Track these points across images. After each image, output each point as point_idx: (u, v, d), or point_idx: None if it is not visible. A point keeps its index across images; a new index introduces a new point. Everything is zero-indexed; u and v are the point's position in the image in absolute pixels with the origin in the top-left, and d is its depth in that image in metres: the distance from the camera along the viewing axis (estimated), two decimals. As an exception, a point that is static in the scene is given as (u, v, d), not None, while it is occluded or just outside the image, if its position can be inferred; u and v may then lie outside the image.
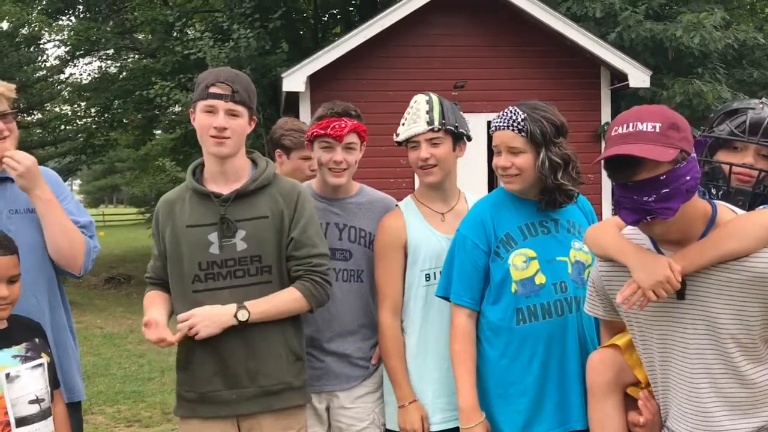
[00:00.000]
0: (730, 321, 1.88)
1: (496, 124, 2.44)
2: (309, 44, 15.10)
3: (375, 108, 8.22)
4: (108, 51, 17.92)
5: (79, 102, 18.92)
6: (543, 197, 2.46)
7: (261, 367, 2.40)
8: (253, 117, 2.50)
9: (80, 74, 30.74)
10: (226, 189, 2.44)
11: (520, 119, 2.39)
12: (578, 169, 2.47)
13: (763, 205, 2.08)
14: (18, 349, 2.26)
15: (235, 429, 2.43)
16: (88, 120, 18.61)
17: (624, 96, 10.94)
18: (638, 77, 10.12)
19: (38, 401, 2.25)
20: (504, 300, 2.42)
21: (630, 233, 2.03)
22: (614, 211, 1.95)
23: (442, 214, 2.71)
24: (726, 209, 1.95)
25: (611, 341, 2.23)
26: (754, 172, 2.18)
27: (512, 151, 2.40)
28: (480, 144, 9.34)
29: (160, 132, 19.23)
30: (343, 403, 2.73)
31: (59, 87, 19.89)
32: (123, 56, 18.57)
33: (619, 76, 10.33)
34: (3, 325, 2.28)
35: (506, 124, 2.41)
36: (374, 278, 2.72)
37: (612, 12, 11.35)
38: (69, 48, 17.71)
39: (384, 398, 2.74)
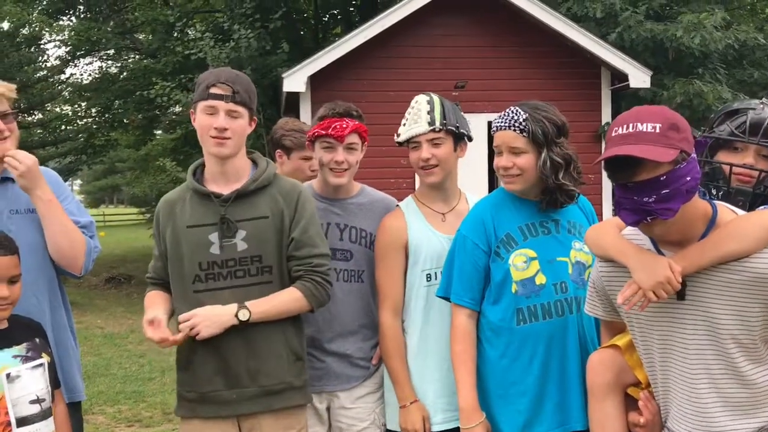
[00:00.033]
0: (731, 321, 1.88)
1: (498, 125, 2.44)
2: (309, 44, 15.11)
3: (375, 108, 8.22)
4: (108, 51, 17.93)
5: (80, 102, 18.93)
6: (544, 197, 2.46)
7: (262, 367, 2.40)
8: (254, 117, 2.50)
9: (81, 74, 30.80)
10: (227, 189, 2.45)
11: (522, 119, 2.38)
12: (579, 169, 2.47)
13: (764, 206, 2.07)
14: (19, 349, 2.26)
15: (236, 429, 2.43)
16: (89, 120, 18.62)
17: (624, 96, 10.94)
18: (639, 77, 10.12)
19: (39, 401, 2.25)
20: (504, 300, 2.42)
21: (630, 234, 2.03)
22: (615, 212, 1.95)
23: (443, 215, 2.71)
24: (726, 210, 1.95)
25: (611, 342, 2.23)
26: (755, 173, 2.18)
27: (514, 152, 2.40)
28: (480, 144, 9.34)
29: (161, 132, 19.24)
30: (344, 404, 2.74)
31: (60, 87, 19.90)
32: (123, 56, 18.58)
33: (620, 77, 10.33)
34: (4, 325, 2.28)
35: (508, 125, 2.40)
36: (375, 278, 2.72)
37: (612, 12, 11.35)
38: (69, 48, 17.72)
39: (385, 398, 2.74)
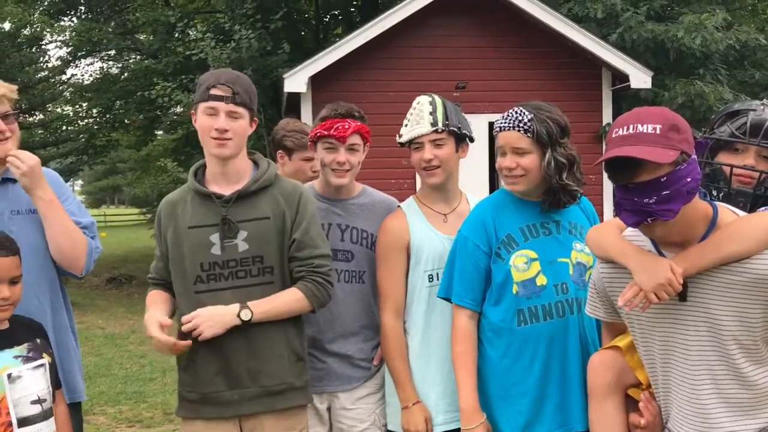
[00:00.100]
0: (732, 323, 1.88)
1: (501, 125, 2.43)
2: (310, 45, 15.11)
3: (376, 109, 8.21)
4: (110, 52, 17.93)
5: (81, 103, 18.94)
6: (547, 198, 2.46)
7: (263, 368, 2.40)
8: (255, 118, 2.50)
9: (82, 75, 30.90)
10: (228, 190, 2.45)
11: (527, 120, 2.38)
12: (581, 170, 2.47)
13: (764, 207, 2.07)
14: (20, 350, 2.27)
15: (237, 429, 2.43)
16: (90, 121, 18.62)
17: (625, 97, 10.93)
18: (639, 78, 10.12)
19: (40, 401, 2.25)
20: (505, 301, 2.42)
21: (631, 235, 2.03)
22: (615, 213, 1.95)
23: (445, 215, 2.71)
24: (727, 211, 1.95)
25: (612, 343, 2.23)
26: (755, 174, 2.18)
27: (517, 152, 2.40)
28: (482, 145, 9.35)
29: (162, 133, 19.24)
30: (345, 404, 2.74)
31: (61, 88, 19.92)
32: (125, 57, 18.58)
33: (621, 77, 10.33)
34: (5, 326, 2.28)
35: (512, 125, 2.40)
36: (376, 279, 2.72)
37: (613, 13, 11.35)
38: (71, 49, 17.73)
39: (386, 399, 2.74)
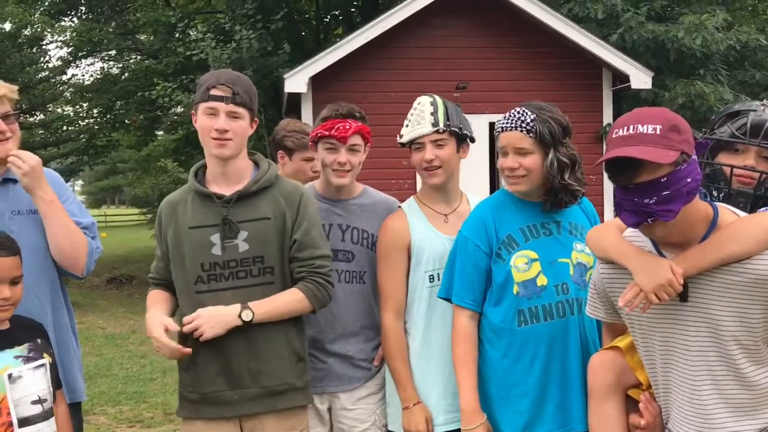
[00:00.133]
0: (732, 323, 1.88)
1: (503, 125, 2.43)
2: (311, 45, 15.12)
3: (377, 109, 8.22)
4: (110, 52, 17.94)
5: (82, 103, 18.96)
6: (548, 198, 2.46)
7: (264, 368, 2.40)
8: (255, 118, 2.50)
9: (82, 75, 30.91)
10: (228, 190, 2.45)
11: (529, 120, 2.38)
12: (582, 170, 2.47)
13: (765, 208, 2.07)
14: (20, 350, 2.27)
15: (238, 430, 2.43)
16: (90, 121, 18.64)
17: (626, 97, 10.94)
18: (640, 78, 10.13)
19: (41, 402, 2.25)
20: (506, 301, 2.42)
21: (631, 235, 2.03)
22: (616, 213, 1.95)
23: (445, 216, 2.71)
24: (727, 211, 1.95)
25: (613, 343, 2.23)
26: (756, 174, 2.18)
27: (520, 152, 2.40)
28: (482, 145, 9.36)
29: (162, 133, 19.26)
30: (345, 405, 2.74)
31: (61, 88, 19.93)
32: (125, 57, 18.59)
33: (621, 78, 10.33)
34: (5, 326, 2.29)
35: (514, 125, 2.39)
36: (377, 280, 2.72)
37: (614, 13, 11.35)
38: (71, 49, 17.73)
39: (387, 399, 2.74)
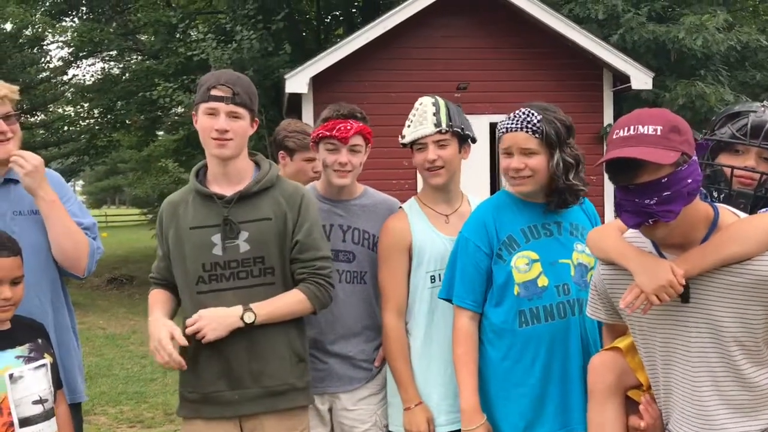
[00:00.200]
0: (733, 324, 1.88)
1: (508, 126, 2.42)
2: (312, 46, 15.12)
3: (377, 109, 8.22)
4: (111, 52, 17.97)
5: (82, 103, 18.97)
6: (552, 198, 2.46)
7: (265, 368, 2.40)
8: (255, 119, 2.50)
9: (83, 75, 30.93)
10: (229, 191, 2.45)
11: (536, 120, 2.37)
12: (585, 170, 2.48)
13: (765, 208, 2.07)
14: (21, 350, 2.27)
15: (238, 430, 2.43)
16: (91, 121, 18.64)
17: (626, 98, 10.93)
18: (640, 79, 10.13)
19: (41, 402, 2.25)
20: (506, 302, 2.42)
21: (632, 236, 2.02)
22: (616, 214, 1.95)
23: (447, 216, 2.71)
24: (728, 212, 1.95)
25: (613, 344, 2.23)
26: (756, 175, 2.18)
27: (525, 153, 2.39)
28: (482, 146, 9.36)
29: (163, 133, 19.26)
30: (346, 405, 2.74)
31: (62, 88, 19.94)
32: (126, 57, 18.62)
33: (622, 78, 10.33)
34: (6, 326, 2.29)
35: (520, 126, 2.39)
36: (378, 280, 2.72)
37: (614, 14, 11.35)
38: (72, 49, 17.74)
39: (388, 400, 2.74)
